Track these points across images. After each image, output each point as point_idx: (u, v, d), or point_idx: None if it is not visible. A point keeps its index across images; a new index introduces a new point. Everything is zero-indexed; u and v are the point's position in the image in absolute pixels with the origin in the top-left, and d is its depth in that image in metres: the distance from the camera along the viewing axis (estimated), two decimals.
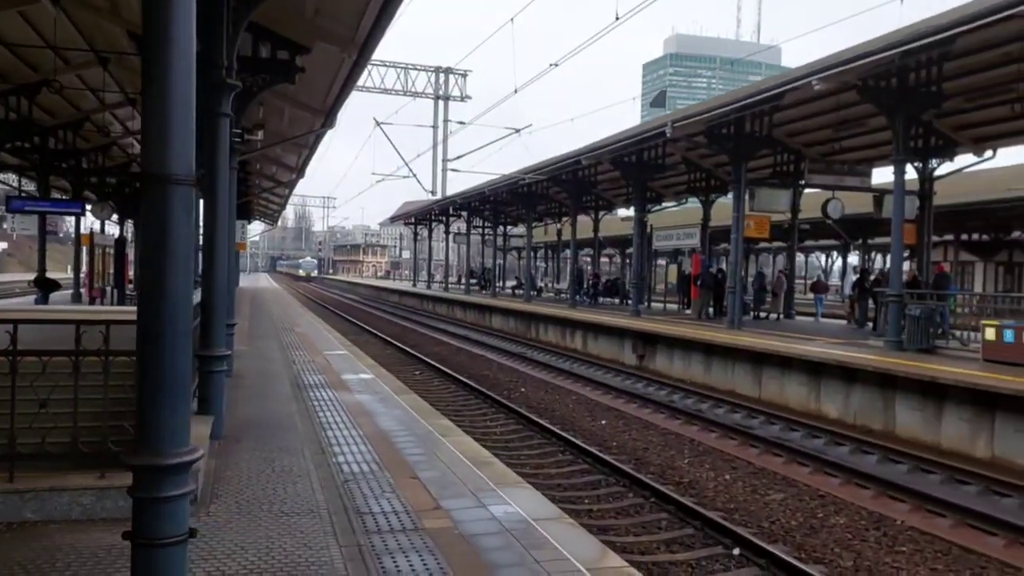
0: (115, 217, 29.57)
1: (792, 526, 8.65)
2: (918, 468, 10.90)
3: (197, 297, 8.23)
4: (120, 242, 28.87)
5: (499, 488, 6.40)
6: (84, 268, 25.89)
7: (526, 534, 5.32)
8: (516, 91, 23.41)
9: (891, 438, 12.82)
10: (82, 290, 25.01)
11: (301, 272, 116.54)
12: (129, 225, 33.40)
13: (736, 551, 7.64)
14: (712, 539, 8.02)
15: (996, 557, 7.74)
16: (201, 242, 8.44)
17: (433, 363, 20.79)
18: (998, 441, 11.42)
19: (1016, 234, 29.16)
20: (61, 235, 77.04)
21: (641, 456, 11.69)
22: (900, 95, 15.85)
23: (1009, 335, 13.32)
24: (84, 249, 25.98)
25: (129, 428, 5.12)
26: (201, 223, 8.54)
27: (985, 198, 23.62)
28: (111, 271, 27.40)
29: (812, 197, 24.52)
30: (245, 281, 63.27)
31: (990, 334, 13.71)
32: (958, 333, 15.99)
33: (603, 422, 14.11)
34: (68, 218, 36.75)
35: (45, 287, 22.13)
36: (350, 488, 6.26)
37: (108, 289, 26.66)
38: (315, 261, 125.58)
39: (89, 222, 28.95)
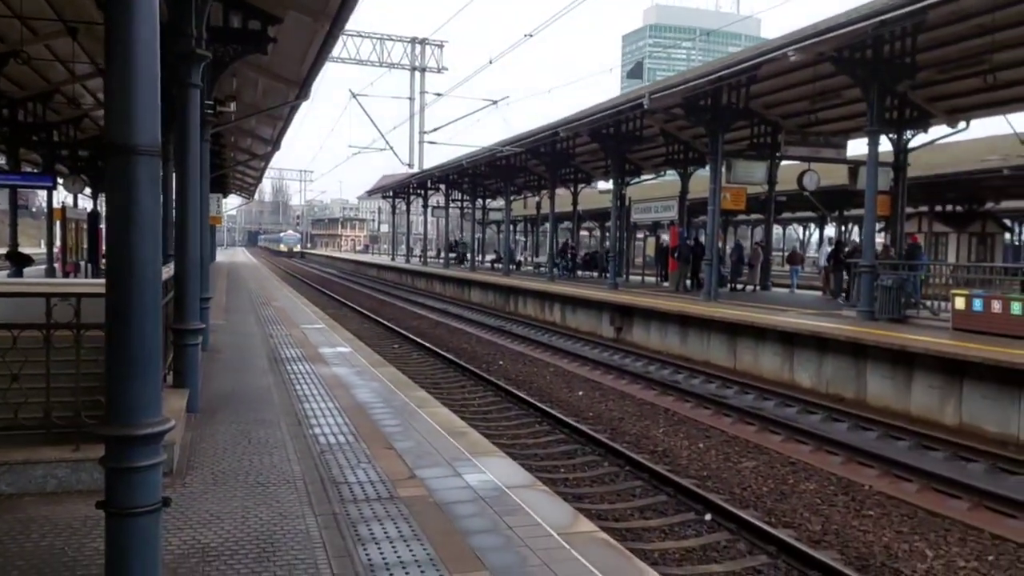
0: (88, 191, 29.18)
1: (763, 492, 8.82)
2: (887, 435, 11.11)
3: (170, 271, 8.20)
4: (93, 216, 28.56)
5: (474, 457, 6.47)
6: (57, 243, 25.56)
7: (500, 501, 5.40)
8: (491, 62, 23.27)
9: (862, 406, 13.04)
10: (56, 265, 24.72)
11: (283, 247, 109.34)
12: (103, 199, 32.97)
13: (708, 517, 7.79)
14: (685, 505, 8.17)
15: (960, 520, 7.94)
16: (174, 216, 8.38)
17: (411, 337, 20.82)
18: (966, 408, 11.66)
19: (989, 205, 29.52)
20: (34, 209, 75.95)
21: (617, 426, 11.83)
22: (875, 66, 15.93)
23: (978, 304, 13.54)
24: (57, 223, 25.64)
25: (103, 401, 5.13)
26: (173, 196, 8.48)
27: (958, 169, 23.87)
28: (85, 245, 27.12)
29: (789, 169, 24.69)
30: (222, 256, 62.86)
31: (960, 303, 13.92)
32: (929, 303, 16.24)
33: (580, 393, 14.24)
34: (40, 192, 36.27)
35: (18, 261, 21.89)
36: (326, 459, 6.32)
37: (82, 264, 26.41)
38: (298, 235, 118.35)
39: (61, 196, 28.61)
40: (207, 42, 8.09)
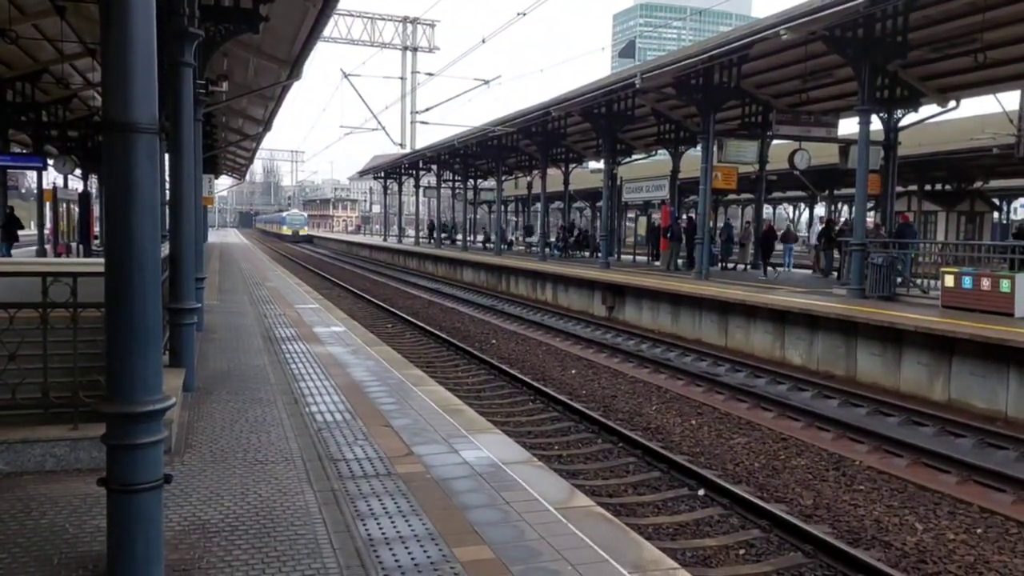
0: (78, 171, 28.96)
1: (755, 468, 8.92)
2: (877, 411, 11.23)
3: (165, 251, 8.20)
4: (84, 196, 28.41)
5: (470, 434, 6.53)
6: (48, 224, 25.41)
7: (496, 477, 5.46)
8: (484, 41, 23.16)
9: (852, 383, 13.17)
10: (47, 246, 24.61)
11: (286, 229, 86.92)
12: (93, 179, 32.81)
13: (701, 492, 7.89)
14: (678, 481, 8.26)
15: (949, 494, 8.06)
16: (168, 196, 8.37)
17: (405, 316, 20.85)
18: (954, 384, 11.79)
19: (978, 184, 29.61)
20: (23, 191, 75.24)
21: (610, 403, 11.91)
22: (866, 45, 15.94)
23: (967, 282, 13.64)
24: (47, 204, 25.48)
25: (101, 380, 5.16)
26: (167, 176, 8.46)
27: (948, 148, 23.93)
28: (76, 226, 27.00)
29: (780, 148, 24.71)
30: (214, 236, 62.58)
31: (949, 281, 14.02)
32: (919, 281, 16.34)
33: (573, 371, 14.32)
34: (30, 173, 36.04)
35: (10, 226, 22.05)
36: (323, 436, 6.36)
37: (73, 245, 26.29)
38: (304, 215, 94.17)
39: (51, 177, 28.42)
40: (199, 21, 8.05)
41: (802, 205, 51.56)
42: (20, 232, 23.81)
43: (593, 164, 39.40)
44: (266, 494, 5.02)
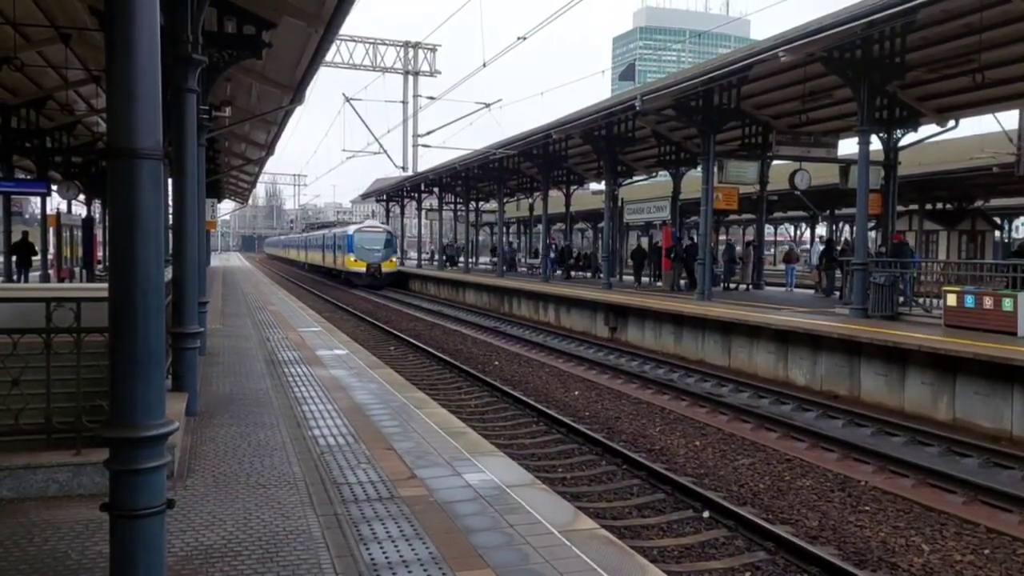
0: (82, 197, 29.12)
1: (760, 489, 8.87)
2: (882, 431, 11.19)
3: (168, 275, 8.22)
4: (88, 222, 28.53)
5: (473, 457, 6.52)
6: (52, 249, 25.51)
7: (500, 500, 5.44)
8: (484, 65, 23.32)
9: (856, 403, 13.13)
10: (50, 271, 24.69)
11: (354, 261, 43.77)
12: (96, 205, 32.96)
13: (706, 514, 7.84)
14: (683, 503, 8.22)
15: (955, 514, 8.00)
16: (171, 220, 8.42)
17: (407, 338, 20.85)
18: (959, 403, 11.74)
19: (979, 203, 29.64)
20: (27, 216, 75.55)
21: (613, 425, 11.88)
22: (864, 66, 16.04)
23: (970, 300, 13.62)
24: (51, 230, 25.60)
25: (104, 405, 5.16)
26: (170, 201, 8.51)
27: (949, 167, 23.99)
28: (79, 251, 27.10)
29: (780, 169, 24.79)
30: (216, 261, 62.69)
31: (952, 300, 14.01)
32: (922, 300, 16.33)
33: (576, 393, 14.29)
34: (34, 199, 36.24)
35: (24, 252, 22.19)
36: (326, 460, 6.35)
37: (77, 270, 26.36)
38: (390, 232, 48.08)
39: (55, 202, 28.57)
40: (202, 47, 8.13)
41: (803, 225, 51.72)
42: (32, 258, 23.98)
43: (595, 186, 39.53)
44: (269, 519, 5.01)
